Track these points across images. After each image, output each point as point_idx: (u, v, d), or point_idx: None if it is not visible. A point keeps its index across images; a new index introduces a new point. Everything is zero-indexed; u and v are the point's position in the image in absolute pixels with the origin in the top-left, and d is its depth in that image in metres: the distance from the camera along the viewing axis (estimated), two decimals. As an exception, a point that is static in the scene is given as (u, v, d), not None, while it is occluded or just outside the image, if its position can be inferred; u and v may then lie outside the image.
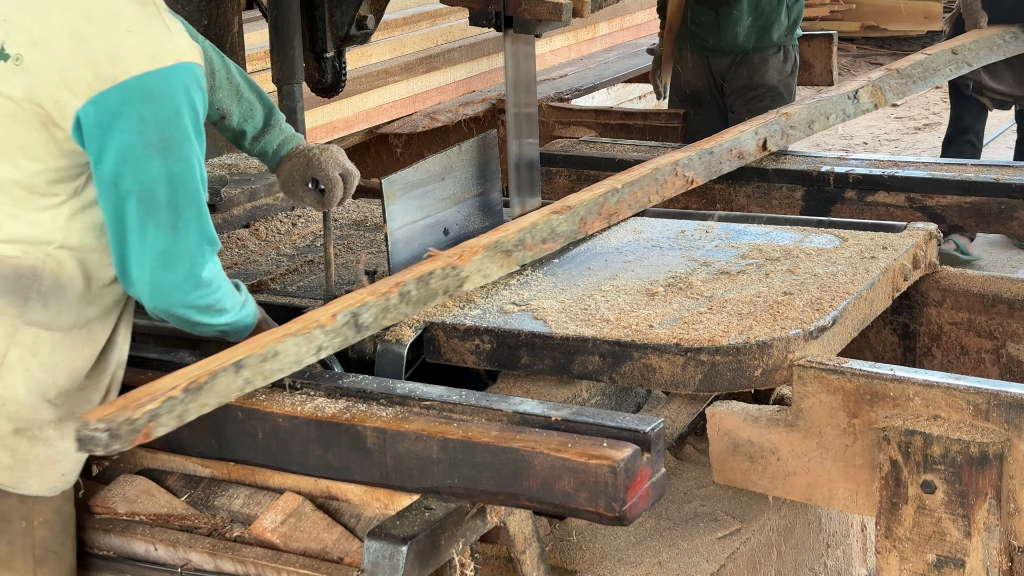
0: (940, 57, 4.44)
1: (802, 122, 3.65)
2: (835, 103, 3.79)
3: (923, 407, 2.11)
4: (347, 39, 3.36)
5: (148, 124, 1.94)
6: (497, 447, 1.93)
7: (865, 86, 3.93)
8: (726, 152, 3.32)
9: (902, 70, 4.14)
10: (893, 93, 4.09)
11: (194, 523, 2.11)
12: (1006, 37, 4.89)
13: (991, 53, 4.80)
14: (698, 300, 2.46)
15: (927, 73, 4.31)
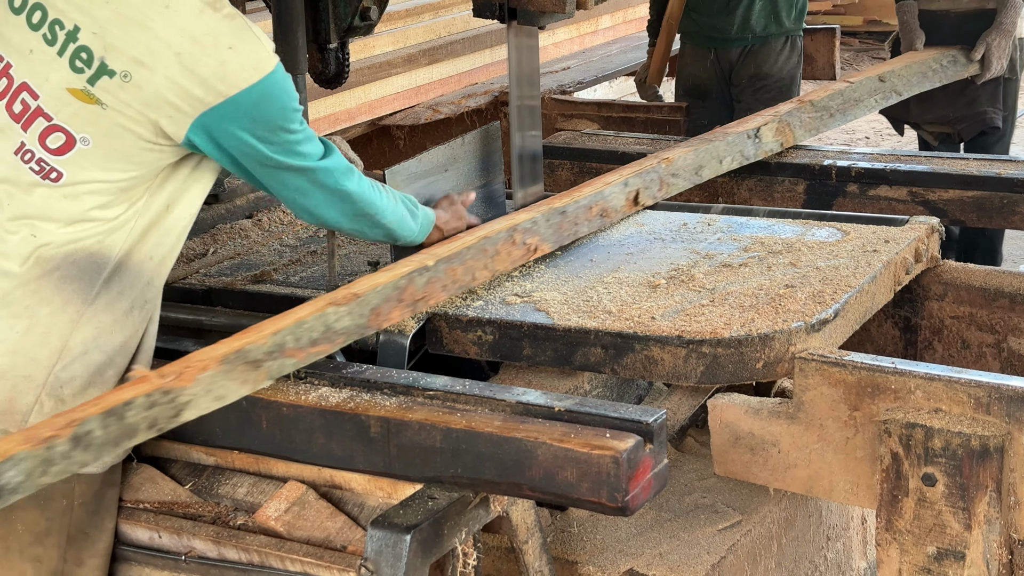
0: (864, 86, 3.95)
1: (687, 168, 3.13)
2: (731, 144, 3.30)
3: (924, 400, 2.12)
4: (351, 30, 3.35)
5: (259, 124, 2.12)
6: (500, 437, 1.93)
7: (770, 122, 3.47)
8: (583, 211, 2.77)
9: (817, 102, 3.69)
10: (804, 130, 3.61)
11: (198, 511, 2.12)
12: (943, 61, 4.32)
13: (924, 80, 4.25)
14: (700, 292, 2.47)
15: (847, 104, 3.84)
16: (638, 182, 2.93)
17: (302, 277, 2.74)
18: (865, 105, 3.95)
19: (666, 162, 3.05)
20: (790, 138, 3.53)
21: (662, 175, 3.02)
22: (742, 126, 3.42)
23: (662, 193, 3.02)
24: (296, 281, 2.72)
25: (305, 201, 2.25)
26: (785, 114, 3.54)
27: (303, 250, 2.89)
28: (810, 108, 3.65)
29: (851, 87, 3.88)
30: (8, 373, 2.07)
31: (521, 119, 2.87)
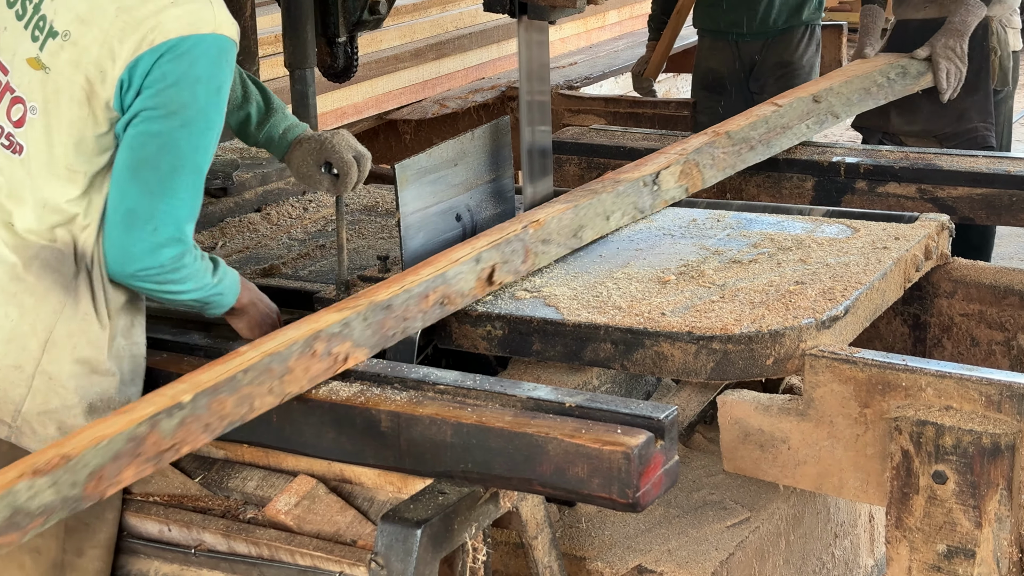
0: (793, 109, 3.42)
1: (563, 231, 2.59)
2: (622, 196, 2.76)
3: (935, 397, 2.11)
4: (359, 24, 3.36)
5: (168, 83, 1.98)
6: (511, 432, 1.93)
7: (671, 165, 2.90)
8: (416, 302, 2.24)
9: (734, 133, 3.15)
10: (718, 169, 3.05)
11: (208, 504, 2.12)
12: (890, 74, 3.84)
13: (867, 97, 3.73)
14: (710, 288, 2.46)
15: (773, 133, 3.30)
16: (494, 256, 2.43)
17: (311, 271, 2.74)
18: (795, 133, 3.40)
19: (535, 226, 2.52)
20: (697, 181, 2.97)
21: (528, 243, 2.51)
22: (638, 170, 2.84)
23: (527, 266, 2.51)
24: (305, 275, 2.71)
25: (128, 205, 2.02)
26: (693, 152, 2.98)
27: (311, 244, 2.89)
28: (725, 141, 3.11)
29: (777, 112, 3.34)
30: (1, 361, 2.05)
31: (531, 114, 2.86)
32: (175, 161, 2.01)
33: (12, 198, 2.08)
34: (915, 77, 3.93)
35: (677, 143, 3.08)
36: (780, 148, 3.32)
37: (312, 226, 3.03)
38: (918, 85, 3.92)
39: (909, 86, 3.90)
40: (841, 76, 3.79)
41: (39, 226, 2.06)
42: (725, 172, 3.09)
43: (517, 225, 2.52)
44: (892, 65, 3.89)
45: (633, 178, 2.81)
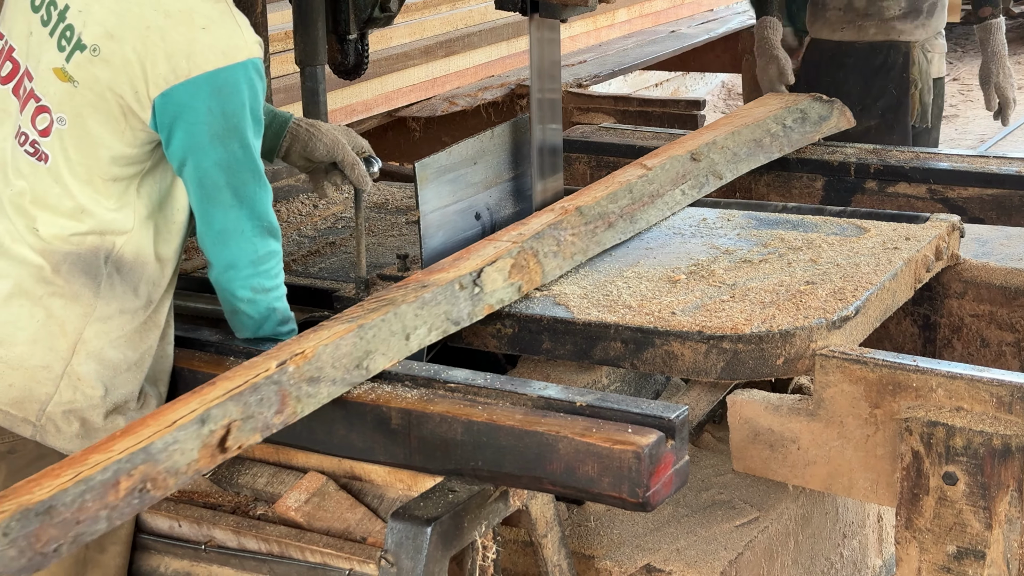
0: (666, 172, 2.86)
1: (340, 364, 2.03)
2: (427, 308, 2.22)
3: (946, 398, 2.11)
4: (370, 21, 3.35)
5: (215, 115, 2.05)
6: (521, 430, 1.93)
7: (499, 259, 2.38)
8: (97, 495, 1.67)
9: (588, 208, 2.63)
10: (564, 257, 2.53)
11: (218, 500, 2.12)
12: (786, 120, 3.29)
13: (758, 151, 3.17)
14: (720, 288, 2.46)
15: (638, 204, 2.76)
16: (231, 412, 1.85)
17: (321, 268, 2.74)
18: (666, 202, 2.83)
19: (297, 361, 1.96)
20: (536, 275, 2.45)
21: (287, 386, 1.94)
22: (455, 268, 2.34)
23: (284, 417, 1.93)
24: (316, 272, 2.72)
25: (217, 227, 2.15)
26: (532, 238, 2.46)
27: (322, 241, 2.89)
28: (576, 219, 2.58)
29: (644, 178, 2.79)
30: (27, 362, 2.08)
31: (542, 112, 2.86)
32: (241, 175, 2.12)
33: (37, 204, 2.11)
34: (816, 123, 3.37)
35: (513, 226, 2.55)
36: (647, 223, 2.77)
37: (322, 223, 3.03)
38: (820, 132, 3.40)
39: (809, 134, 3.35)
40: (727, 125, 3.17)
41: (69, 231, 2.10)
42: (575, 259, 2.56)
43: (271, 362, 1.94)
44: (789, 109, 3.31)
45: (445, 280, 2.27)
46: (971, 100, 9.48)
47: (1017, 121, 9.00)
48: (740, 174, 3.09)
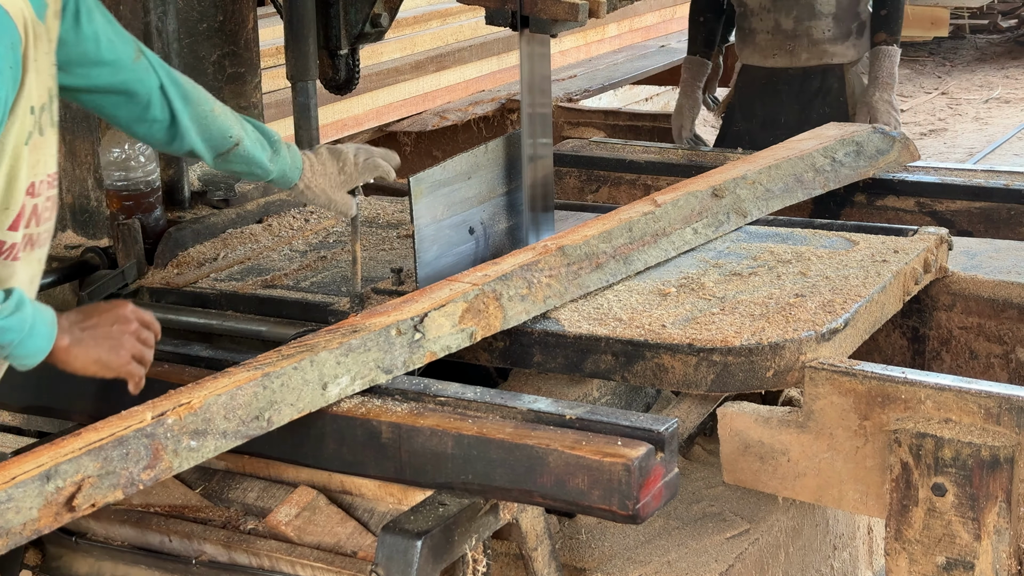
0: (679, 209, 2.64)
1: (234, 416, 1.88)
2: (353, 355, 2.05)
3: (934, 410, 2.12)
4: (361, 36, 3.36)
5: None
6: (512, 443, 1.94)
7: (450, 302, 2.20)
8: None
9: (573, 249, 2.45)
10: (532, 301, 2.35)
11: (208, 515, 2.12)
12: (837, 154, 3.06)
13: (798, 187, 2.91)
14: (710, 301, 2.47)
15: (637, 244, 2.56)
16: (88, 467, 1.72)
17: (313, 282, 2.74)
18: (673, 241, 2.61)
19: (181, 411, 1.81)
20: (495, 321, 2.25)
21: (162, 440, 1.79)
22: (397, 311, 2.15)
23: (153, 474, 1.78)
24: (307, 286, 2.72)
25: None
26: (497, 280, 2.27)
27: (313, 255, 2.90)
28: (557, 260, 2.38)
29: (650, 215, 2.56)
30: None
31: (532, 126, 2.87)
32: None
33: None
34: (872, 157, 3.12)
35: (484, 265, 2.38)
36: (646, 263, 2.55)
37: (314, 237, 3.03)
38: (875, 167, 3.14)
39: (863, 169, 3.10)
40: (768, 157, 2.94)
41: None
42: (548, 303, 2.35)
43: (147, 412, 1.79)
44: (843, 141, 3.07)
45: (381, 325, 2.08)
46: (959, 114, 9.52)
47: (1007, 134, 9.04)
48: (771, 211, 2.85)
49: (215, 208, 3.00)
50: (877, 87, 4.04)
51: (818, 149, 3.04)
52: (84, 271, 2.82)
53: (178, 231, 2.86)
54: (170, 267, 2.82)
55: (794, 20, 4.10)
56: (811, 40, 4.10)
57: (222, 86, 3.22)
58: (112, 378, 1.99)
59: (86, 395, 2.24)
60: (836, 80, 4.12)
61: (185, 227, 2.89)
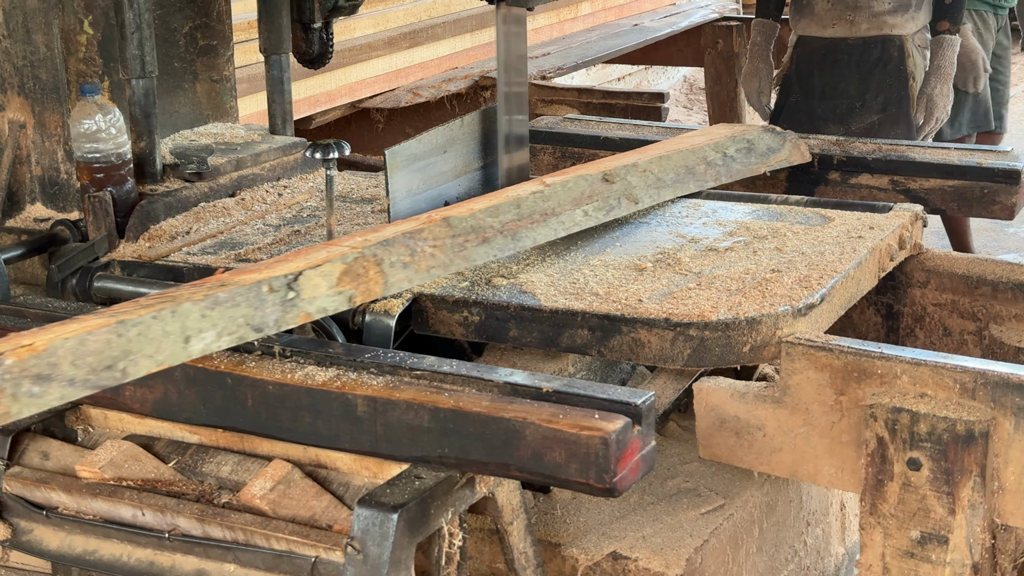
0: (568, 191, 2.59)
1: (83, 363, 1.73)
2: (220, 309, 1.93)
3: (910, 385, 2.12)
4: (335, 10, 3.34)
5: None
6: (488, 417, 1.92)
7: (327, 263, 2.11)
8: None
9: (459, 220, 2.39)
10: (416, 269, 2.28)
11: (182, 489, 2.10)
12: (728, 149, 3.01)
13: (689, 178, 2.89)
14: (687, 276, 2.47)
15: (525, 222, 2.49)
16: None
17: (285, 256, 2.72)
18: (562, 221, 2.55)
19: (22, 353, 1.68)
20: (375, 287, 2.19)
21: (1, 381, 1.67)
22: (269, 269, 2.05)
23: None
24: (279, 260, 2.69)
25: None
26: (378, 244, 2.20)
27: (286, 230, 2.87)
28: (441, 231, 2.34)
29: (539, 194, 2.54)
30: None
31: (508, 104, 2.86)
32: None
33: None
34: (763, 155, 3.11)
35: (366, 231, 2.29)
36: (535, 241, 2.50)
37: (287, 211, 3.01)
38: (766, 164, 3.12)
39: (754, 165, 3.07)
40: (659, 148, 2.92)
41: None
42: (432, 273, 2.30)
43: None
44: (735, 138, 3.05)
45: (251, 280, 1.97)
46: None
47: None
48: (664, 200, 2.83)
49: (187, 181, 2.96)
50: (939, 78, 4.09)
51: (709, 144, 2.99)
52: (54, 244, 2.79)
53: (150, 204, 2.83)
54: (142, 240, 2.79)
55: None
56: (871, 11, 4.13)
57: (194, 59, 3.19)
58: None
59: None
60: (896, 50, 4.15)
61: (157, 200, 2.85)
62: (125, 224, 2.78)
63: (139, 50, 2.79)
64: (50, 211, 2.99)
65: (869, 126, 4.16)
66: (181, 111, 3.19)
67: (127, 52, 2.79)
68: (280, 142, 3.21)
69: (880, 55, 4.15)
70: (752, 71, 4.34)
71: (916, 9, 4.17)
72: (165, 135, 3.13)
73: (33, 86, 2.93)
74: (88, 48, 2.88)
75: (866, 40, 4.17)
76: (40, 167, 2.99)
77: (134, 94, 2.83)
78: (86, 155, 2.74)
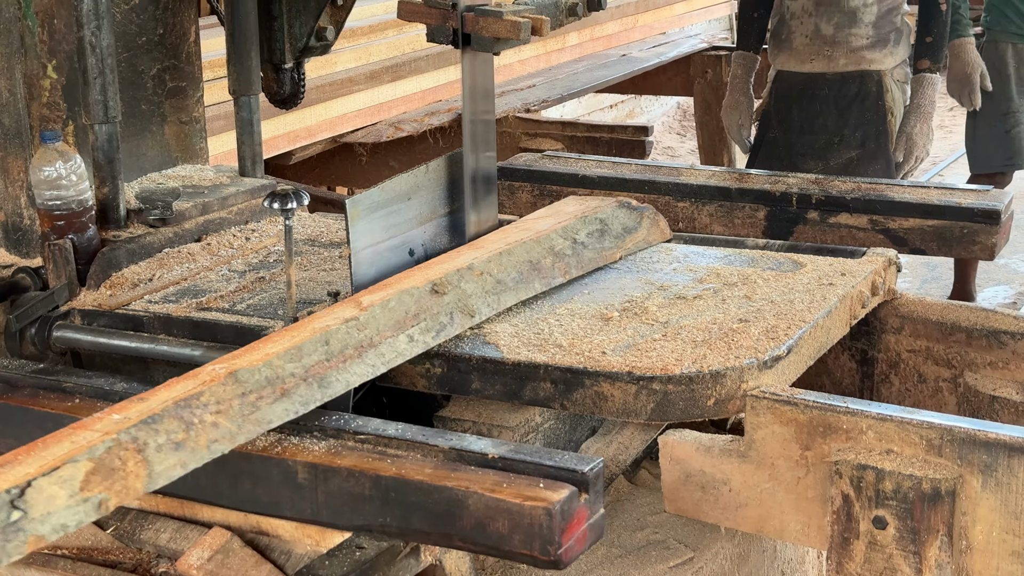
0: (389, 313, 2.22)
1: None
2: None
3: (876, 441, 2.08)
4: (306, 50, 3.30)
5: None
6: (431, 485, 1.88)
7: (65, 463, 1.65)
8: None
9: (247, 373, 1.95)
10: (191, 449, 1.80)
11: (119, 557, 2.05)
12: (578, 234, 2.68)
13: (535, 276, 2.54)
14: (653, 326, 2.42)
15: (336, 361, 2.08)
16: None
17: (249, 304, 2.68)
18: (382, 353, 2.18)
19: None
20: (137, 482, 1.72)
21: None
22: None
23: None
24: (243, 309, 2.65)
25: None
26: (140, 424, 1.76)
27: (251, 276, 2.83)
28: (229, 390, 1.90)
29: (352, 323, 2.14)
30: None
31: (475, 139, 2.81)
32: None
33: None
34: (618, 236, 2.78)
35: (127, 403, 1.84)
36: (348, 384, 2.11)
37: (253, 257, 2.97)
38: (622, 248, 2.78)
39: (608, 251, 2.74)
40: (500, 240, 2.58)
41: None
42: (213, 449, 1.85)
43: None
44: (586, 219, 2.72)
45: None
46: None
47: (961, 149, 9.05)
48: (504, 307, 2.46)
49: (152, 227, 2.92)
50: (919, 117, 4.09)
51: (557, 229, 2.65)
52: (14, 292, 2.75)
53: (111, 251, 2.79)
54: (103, 288, 2.75)
55: (835, 26, 4.13)
56: (849, 47, 4.13)
57: (163, 101, 3.16)
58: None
59: None
60: (875, 85, 4.14)
61: (119, 247, 2.81)
62: (87, 272, 2.74)
63: (102, 95, 2.76)
64: (14, 257, 2.95)
65: (848, 161, 4.14)
66: (149, 154, 3.15)
67: (90, 97, 2.76)
68: (249, 184, 3.17)
69: (858, 90, 4.13)
70: (732, 104, 4.33)
71: (895, 44, 4.16)
72: (132, 178, 3.09)
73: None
74: (52, 93, 2.85)
75: (844, 75, 4.16)
76: (3, 212, 2.96)
77: (97, 139, 2.80)
78: (47, 202, 2.70)
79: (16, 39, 2.82)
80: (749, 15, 4.38)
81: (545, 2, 2.80)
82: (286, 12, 3.25)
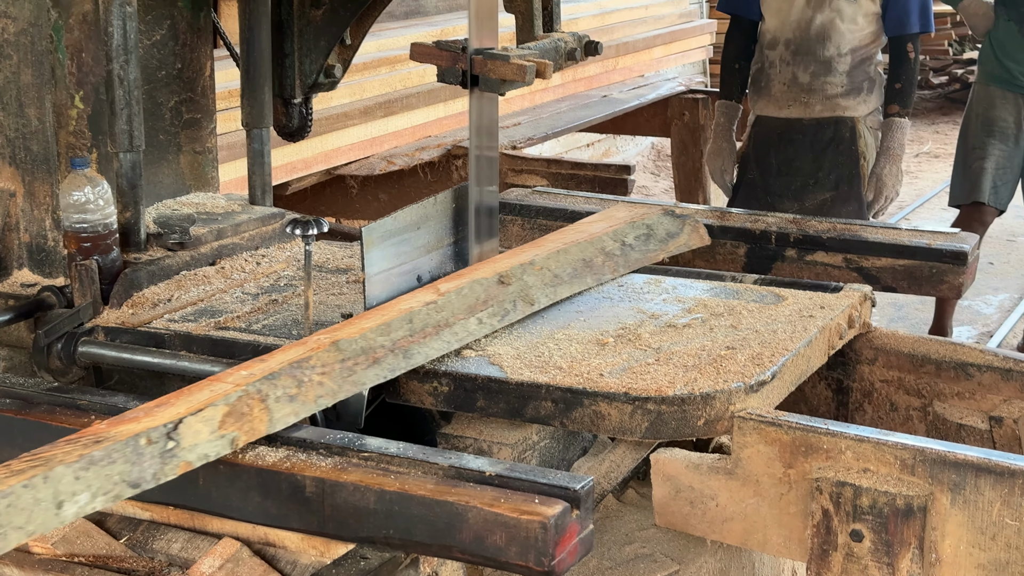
0: (463, 298, 2.52)
1: None
2: (95, 469, 1.82)
3: (854, 460, 2.25)
4: (315, 86, 3.48)
5: None
6: (432, 500, 1.99)
7: (208, 406, 2.02)
8: None
9: (348, 343, 2.30)
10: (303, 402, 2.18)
11: (132, 566, 2.12)
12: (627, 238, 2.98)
13: (587, 272, 2.82)
14: (646, 351, 2.59)
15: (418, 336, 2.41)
16: None
17: (264, 325, 2.83)
18: (456, 332, 2.48)
19: None
20: (260, 425, 2.08)
21: None
22: (149, 417, 1.96)
23: None
24: (258, 329, 2.80)
25: None
26: (263, 379, 2.11)
27: (264, 298, 2.98)
28: (330, 356, 2.23)
29: (432, 306, 2.44)
30: None
31: (479, 174, 2.98)
32: None
33: None
34: (662, 240, 3.06)
35: (251, 362, 2.21)
36: (427, 357, 2.41)
37: (265, 280, 3.12)
38: (665, 250, 3.06)
39: (653, 252, 3.02)
40: (558, 240, 2.87)
41: None
42: (320, 403, 2.19)
43: None
44: (634, 224, 3.01)
45: (129, 433, 1.88)
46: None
47: (935, 188, 9.29)
48: (559, 298, 2.76)
49: (170, 250, 3.07)
50: (889, 159, 4.28)
51: (608, 232, 2.95)
52: (40, 309, 2.88)
53: (133, 272, 2.93)
54: (125, 307, 2.89)
55: (811, 75, 4.32)
56: (825, 94, 4.32)
57: (179, 131, 3.31)
58: None
59: None
60: (848, 131, 4.32)
61: (140, 268, 2.96)
62: (110, 291, 2.88)
63: (128, 125, 2.91)
64: (37, 276, 3.09)
65: (822, 203, 4.33)
66: (164, 181, 3.30)
67: (116, 127, 2.90)
68: (259, 212, 3.33)
69: (833, 135, 4.34)
70: (716, 150, 4.52)
71: (868, 93, 4.37)
72: (149, 204, 3.23)
73: (24, 157, 3.04)
74: (78, 122, 3.00)
75: (820, 121, 4.36)
76: (28, 234, 3.09)
77: (122, 167, 2.94)
78: (74, 225, 2.84)
79: (47, 71, 2.97)
80: (731, 66, 4.58)
81: (547, 47, 2.98)
82: (297, 50, 3.42)
